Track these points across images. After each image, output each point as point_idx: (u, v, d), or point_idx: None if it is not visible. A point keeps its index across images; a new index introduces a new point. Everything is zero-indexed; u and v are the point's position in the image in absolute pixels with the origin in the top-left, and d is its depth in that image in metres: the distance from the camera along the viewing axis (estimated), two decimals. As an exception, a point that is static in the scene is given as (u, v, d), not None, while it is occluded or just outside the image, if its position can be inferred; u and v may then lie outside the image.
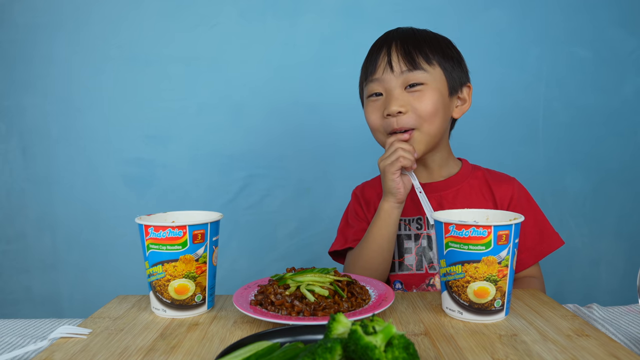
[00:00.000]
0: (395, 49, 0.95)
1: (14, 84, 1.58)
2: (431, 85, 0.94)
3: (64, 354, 0.61)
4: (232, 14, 1.57)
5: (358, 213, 1.10)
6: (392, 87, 0.94)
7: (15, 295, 1.62)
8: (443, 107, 0.96)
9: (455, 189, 1.02)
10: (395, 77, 0.94)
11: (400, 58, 0.94)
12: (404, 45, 0.95)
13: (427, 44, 0.96)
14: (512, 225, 0.67)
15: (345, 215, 1.14)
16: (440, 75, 0.96)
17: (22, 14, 1.56)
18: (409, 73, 0.94)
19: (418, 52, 0.95)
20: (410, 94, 0.94)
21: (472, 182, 1.03)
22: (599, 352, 0.58)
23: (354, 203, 1.12)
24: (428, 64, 0.95)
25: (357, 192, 1.13)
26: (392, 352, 0.46)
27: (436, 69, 0.95)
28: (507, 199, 1.02)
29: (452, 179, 1.03)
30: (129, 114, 1.59)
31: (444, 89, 0.96)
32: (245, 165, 1.61)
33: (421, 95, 0.93)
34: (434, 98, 0.94)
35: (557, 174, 1.63)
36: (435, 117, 0.94)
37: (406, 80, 0.94)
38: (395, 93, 0.94)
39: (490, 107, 1.60)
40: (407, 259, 1.01)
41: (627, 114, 1.63)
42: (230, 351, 0.52)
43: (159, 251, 0.71)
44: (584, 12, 1.59)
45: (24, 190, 1.61)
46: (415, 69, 0.93)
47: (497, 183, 1.03)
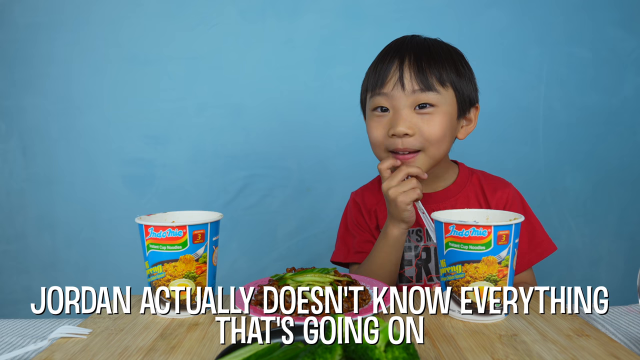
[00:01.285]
0: (408, 64, 0.90)
1: (14, 84, 1.58)
2: (442, 108, 0.90)
3: (64, 354, 0.61)
4: (232, 14, 1.57)
5: (360, 223, 1.06)
6: (401, 106, 0.90)
7: (15, 295, 1.62)
8: (450, 130, 0.93)
9: (453, 199, 1.01)
10: (405, 95, 0.89)
11: (413, 76, 0.89)
12: (417, 62, 0.90)
13: (441, 61, 0.91)
14: (512, 225, 0.67)
15: (345, 221, 1.10)
16: (451, 97, 0.92)
17: (22, 14, 1.56)
18: (421, 93, 0.89)
19: (432, 71, 0.90)
20: (418, 115, 0.90)
21: (469, 191, 1.02)
22: (599, 352, 0.58)
23: (355, 211, 1.07)
24: (441, 85, 0.90)
25: (357, 199, 1.08)
26: (392, 352, 0.46)
27: (449, 91, 0.91)
28: (502, 205, 1.01)
29: (449, 189, 1.02)
30: (129, 113, 1.59)
31: (454, 111, 0.93)
32: (245, 165, 1.61)
33: (430, 118, 0.90)
34: (443, 122, 0.90)
35: (557, 173, 1.63)
36: (442, 142, 0.92)
37: (416, 100, 0.89)
38: (404, 113, 0.89)
39: (490, 107, 1.60)
40: (407, 270, 1.01)
41: (627, 114, 1.63)
42: (230, 351, 0.52)
43: (159, 251, 0.71)
44: (584, 12, 1.59)
45: (24, 190, 1.61)
46: (427, 89, 0.89)
47: (492, 190, 1.02)
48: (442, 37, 1.59)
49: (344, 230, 1.09)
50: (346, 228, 1.08)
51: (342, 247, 1.07)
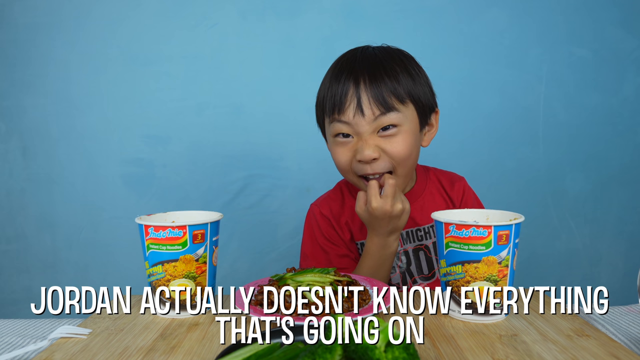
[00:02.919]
0: (364, 88, 0.87)
1: (14, 84, 1.58)
2: (404, 127, 0.89)
3: (64, 354, 0.61)
4: (232, 14, 1.57)
5: (332, 237, 1.02)
6: (364, 132, 0.88)
7: (15, 295, 1.62)
8: (416, 145, 0.93)
9: (421, 199, 1.02)
10: (366, 122, 0.87)
11: (371, 100, 0.87)
12: (374, 84, 0.87)
13: (395, 76, 0.88)
14: (512, 225, 0.67)
15: (311, 235, 1.04)
16: (412, 112, 0.91)
17: (22, 14, 1.56)
18: (382, 117, 0.87)
19: (391, 91, 0.87)
20: (382, 138, 0.88)
21: (432, 189, 1.04)
22: (599, 352, 0.58)
23: (325, 225, 1.03)
24: (401, 102, 0.88)
25: (324, 212, 1.04)
26: (392, 352, 0.46)
27: (409, 107, 0.90)
28: (460, 197, 1.04)
29: (414, 190, 1.03)
30: (129, 113, 1.59)
31: (416, 126, 0.92)
32: (245, 165, 1.60)
33: (393, 139, 0.88)
34: (408, 141, 0.89)
35: (557, 174, 1.63)
36: (409, 159, 0.91)
37: (379, 125, 0.88)
38: (367, 138, 0.88)
39: (490, 107, 1.60)
40: (392, 278, 1.01)
41: (627, 114, 1.63)
42: (230, 351, 0.52)
43: (159, 251, 0.71)
44: (584, 12, 1.59)
45: (24, 190, 1.61)
46: (388, 111, 0.87)
47: (450, 184, 1.05)
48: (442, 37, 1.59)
49: (312, 246, 1.04)
50: (314, 243, 1.03)
51: (314, 264, 1.02)
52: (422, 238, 1.00)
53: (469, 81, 1.59)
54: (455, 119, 1.57)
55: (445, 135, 1.56)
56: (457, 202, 1.03)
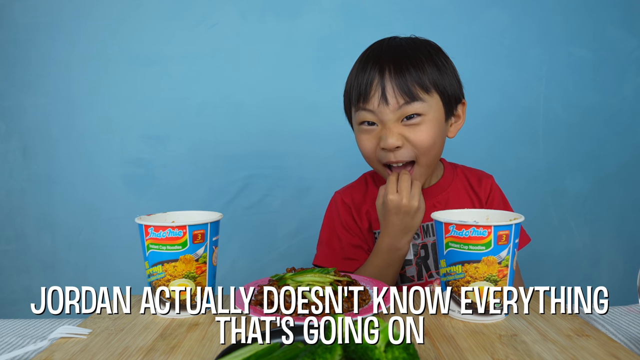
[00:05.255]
0: (389, 78, 0.88)
1: (14, 84, 1.58)
2: (429, 116, 0.89)
3: (64, 354, 0.61)
4: (232, 14, 1.57)
5: (349, 226, 1.03)
6: (388, 120, 0.89)
7: (15, 295, 1.62)
8: (440, 135, 0.93)
9: (446, 193, 1.02)
10: (391, 111, 0.88)
11: (396, 89, 0.87)
12: (398, 73, 0.88)
13: (421, 66, 0.89)
14: (512, 225, 0.67)
15: (330, 221, 1.06)
16: (437, 102, 0.91)
17: (22, 14, 1.56)
18: (406, 106, 0.88)
19: (414, 80, 0.88)
20: (406, 126, 0.89)
21: (458, 184, 1.04)
22: (599, 352, 0.58)
23: (345, 213, 1.04)
24: (426, 92, 0.89)
25: (345, 199, 1.05)
26: (392, 352, 0.46)
27: (434, 97, 0.90)
28: (487, 193, 1.04)
29: (439, 184, 1.03)
30: (129, 113, 1.59)
31: (441, 115, 0.92)
32: (245, 165, 1.61)
33: (418, 128, 0.89)
34: (431, 130, 0.90)
35: (557, 174, 1.63)
36: (432, 149, 0.91)
37: (403, 113, 0.89)
38: (391, 126, 0.89)
39: (490, 107, 1.60)
40: (408, 270, 1.01)
41: (627, 114, 1.63)
42: (230, 351, 0.52)
43: (159, 251, 0.71)
44: (584, 12, 1.59)
45: (24, 190, 1.61)
46: (412, 100, 0.88)
47: (477, 181, 1.05)
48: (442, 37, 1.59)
49: (329, 232, 1.05)
50: (331, 230, 1.05)
51: (327, 250, 1.04)
52: None
53: (468, 81, 1.57)
54: (455, 119, 1.57)
55: (445, 135, 1.57)
56: (483, 199, 1.02)
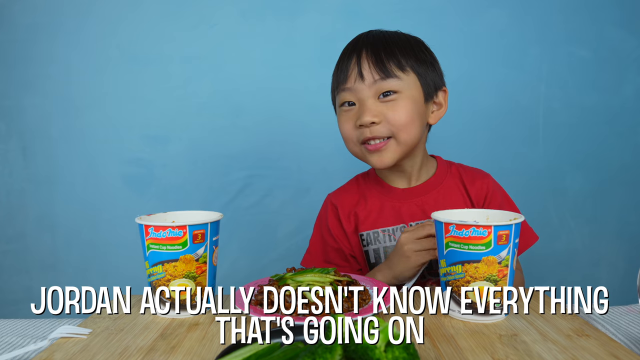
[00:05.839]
0: (365, 56, 0.91)
1: (14, 84, 1.58)
2: (405, 94, 0.91)
3: (64, 354, 0.61)
4: (232, 14, 1.57)
5: (333, 228, 1.03)
6: (365, 97, 0.91)
7: (15, 295, 1.62)
8: (418, 115, 0.93)
9: (435, 192, 1.00)
10: (367, 86, 0.91)
11: (371, 66, 0.90)
12: (374, 52, 0.91)
13: (398, 48, 0.92)
14: (512, 225, 0.67)
15: (318, 224, 1.07)
16: (414, 81, 0.92)
17: (22, 14, 1.56)
18: (382, 82, 0.90)
19: (390, 58, 0.91)
20: (383, 103, 0.91)
21: (450, 182, 1.02)
22: (599, 352, 0.58)
23: (332, 216, 1.04)
24: (401, 70, 0.91)
25: (334, 201, 1.05)
26: (392, 352, 0.46)
27: (410, 75, 0.92)
28: (482, 196, 1.01)
29: (430, 181, 1.01)
30: (129, 113, 1.59)
31: (419, 95, 0.93)
32: (245, 165, 1.61)
33: (395, 104, 0.91)
34: (408, 107, 0.91)
35: (557, 174, 1.63)
36: (410, 126, 0.92)
37: (379, 89, 0.91)
38: (368, 103, 0.91)
39: (490, 107, 1.60)
40: None
41: (627, 114, 1.62)
42: (230, 351, 0.52)
43: (159, 251, 0.71)
44: (584, 12, 1.59)
45: (24, 190, 1.61)
46: (387, 77, 0.90)
47: (471, 181, 1.02)
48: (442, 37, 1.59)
49: (315, 233, 1.07)
50: (317, 231, 1.07)
51: (312, 251, 1.05)
52: None
53: (468, 81, 1.59)
54: (454, 119, 1.57)
55: (445, 135, 1.56)
56: (476, 199, 1.00)
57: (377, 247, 1.00)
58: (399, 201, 1.00)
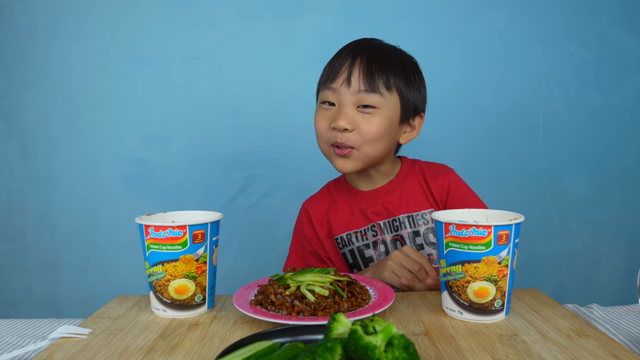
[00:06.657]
0: (358, 64, 0.93)
1: (14, 84, 1.58)
2: (383, 111, 0.93)
3: (64, 354, 0.61)
4: (232, 14, 1.57)
5: (307, 234, 1.07)
6: (345, 102, 0.93)
7: (15, 295, 1.62)
8: (389, 133, 0.95)
9: (398, 191, 1.03)
10: (350, 93, 0.92)
11: (360, 76, 0.92)
12: (368, 63, 0.93)
13: (391, 66, 0.94)
14: (512, 225, 0.67)
15: (295, 230, 1.12)
16: (395, 102, 0.94)
17: (23, 14, 1.56)
18: (365, 94, 0.92)
19: (380, 74, 0.92)
20: (360, 113, 0.93)
21: (413, 181, 1.04)
22: (599, 352, 0.58)
23: (306, 222, 1.08)
24: (387, 89, 0.93)
25: (308, 208, 1.09)
26: (392, 352, 0.46)
27: (393, 95, 0.94)
28: (445, 191, 1.03)
29: (393, 182, 1.04)
30: (129, 113, 1.59)
31: (396, 115, 0.95)
32: (245, 165, 1.61)
33: (370, 118, 0.93)
34: (382, 124, 0.93)
35: (557, 174, 1.63)
36: (377, 142, 0.94)
37: (360, 100, 0.92)
38: (347, 109, 0.93)
39: (490, 106, 1.60)
40: None
41: (627, 114, 1.63)
42: (230, 351, 0.52)
43: (159, 251, 0.71)
44: (584, 12, 1.59)
45: (24, 190, 1.61)
46: (372, 91, 0.92)
47: (433, 177, 1.04)
48: (441, 37, 1.59)
49: (293, 240, 1.12)
50: (295, 237, 1.12)
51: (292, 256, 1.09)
52: (398, 228, 1.01)
53: (468, 81, 1.59)
54: (455, 119, 1.57)
55: (445, 135, 1.56)
56: (438, 195, 1.02)
57: (352, 248, 1.03)
58: (365, 203, 1.03)
